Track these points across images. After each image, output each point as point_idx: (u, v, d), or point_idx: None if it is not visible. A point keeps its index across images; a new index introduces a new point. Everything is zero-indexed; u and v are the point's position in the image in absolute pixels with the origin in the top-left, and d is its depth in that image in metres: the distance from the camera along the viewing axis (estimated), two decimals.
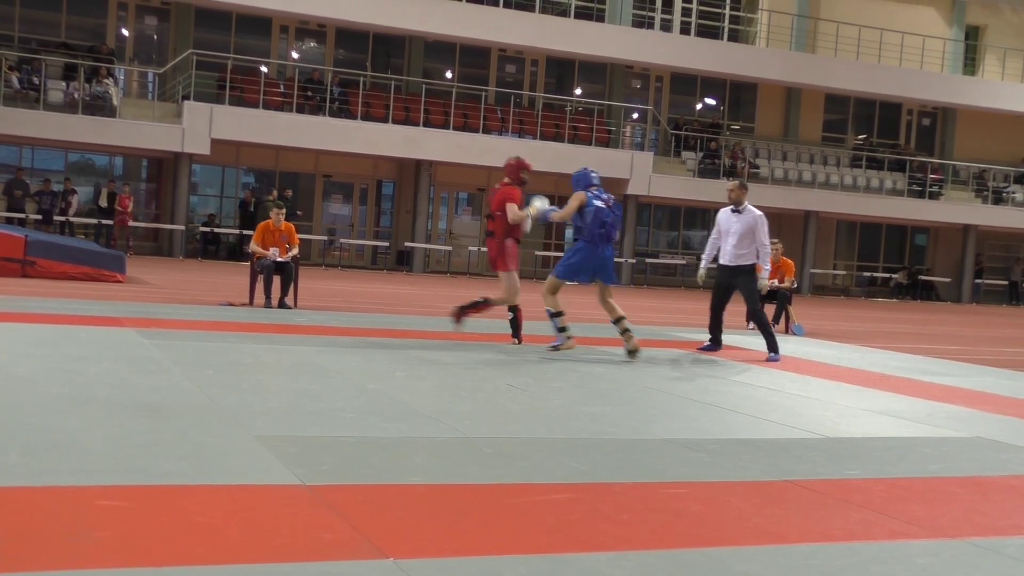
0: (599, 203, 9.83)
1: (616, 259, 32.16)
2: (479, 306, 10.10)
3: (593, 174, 10.14)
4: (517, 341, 10.26)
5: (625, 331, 9.91)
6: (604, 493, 4.48)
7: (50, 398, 5.63)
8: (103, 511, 3.64)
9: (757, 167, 32.59)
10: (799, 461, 5.47)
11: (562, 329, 9.89)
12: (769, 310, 15.33)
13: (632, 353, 9.78)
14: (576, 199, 9.90)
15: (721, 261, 10.75)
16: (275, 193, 26.27)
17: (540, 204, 10.12)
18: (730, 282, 10.65)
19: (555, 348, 9.86)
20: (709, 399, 7.51)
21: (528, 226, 10.07)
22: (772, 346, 10.60)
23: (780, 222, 33.66)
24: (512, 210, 9.97)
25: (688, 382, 8.45)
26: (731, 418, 6.75)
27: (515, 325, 10.29)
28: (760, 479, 4.96)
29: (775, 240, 15.89)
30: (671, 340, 12.22)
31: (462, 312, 10.15)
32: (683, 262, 32.89)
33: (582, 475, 4.77)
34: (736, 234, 10.55)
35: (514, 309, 10.25)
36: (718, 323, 10.91)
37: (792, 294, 15.45)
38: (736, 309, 12.25)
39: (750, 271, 10.60)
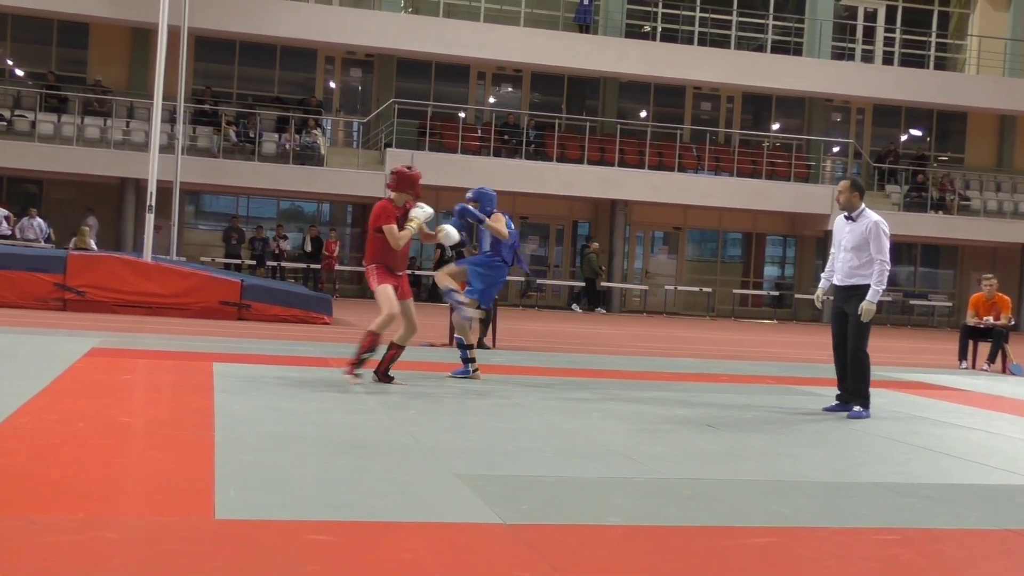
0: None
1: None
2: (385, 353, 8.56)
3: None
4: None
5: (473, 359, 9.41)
6: (808, 538, 4.34)
7: (263, 435, 5.89)
8: (313, 545, 3.77)
9: (968, 199, 31.16)
10: (1022, 509, 5.16)
11: (471, 360, 9.40)
12: (984, 348, 14.61)
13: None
14: (501, 220, 9.78)
15: (834, 280, 8.74)
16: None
17: (422, 213, 8.68)
18: (843, 307, 8.63)
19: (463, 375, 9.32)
20: (919, 441, 7.18)
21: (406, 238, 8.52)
22: (862, 396, 8.49)
23: (995, 256, 32.04)
24: (391, 232, 8.41)
25: (895, 423, 8.11)
26: (944, 462, 6.44)
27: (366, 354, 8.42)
28: (979, 527, 4.70)
29: (989, 276, 15.17)
30: (877, 380, 11.74)
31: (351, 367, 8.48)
32: (888, 299, 31.67)
33: (784, 519, 4.64)
34: (849, 247, 8.51)
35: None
36: (847, 370, 8.67)
37: (1009, 332, 14.65)
38: (940, 347, 11.70)
39: (865, 294, 8.47)
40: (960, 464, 6.38)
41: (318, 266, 26.45)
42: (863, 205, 8.56)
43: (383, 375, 8.58)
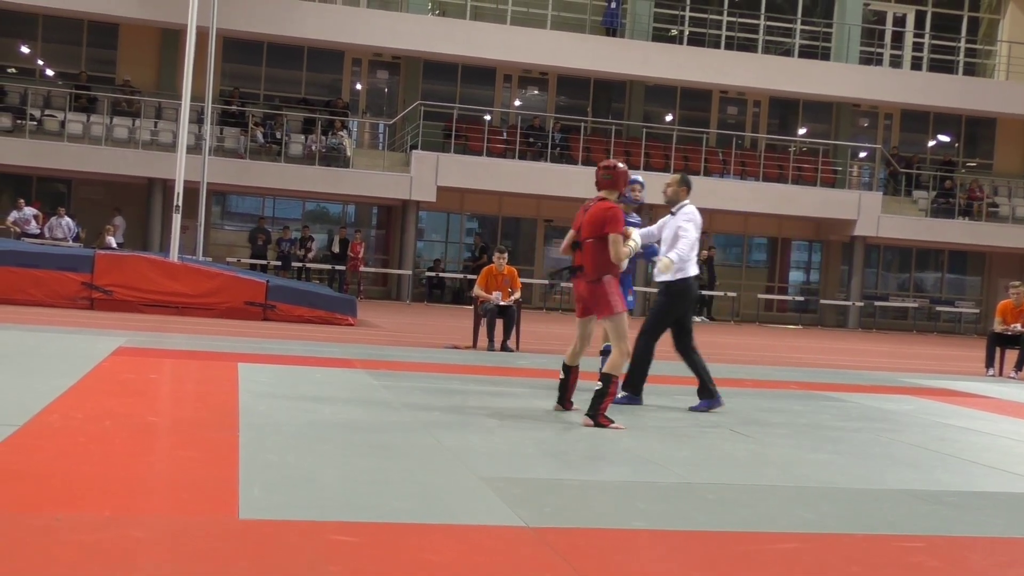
0: None
1: (844, 302, 31.04)
2: (606, 399, 7.15)
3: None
4: (563, 407, 7.68)
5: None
6: (833, 544, 4.32)
7: (288, 436, 5.91)
8: (336, 546, 3.78)
9: (996, 205, 30.92)
10: None
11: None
12: (1012, 356, 14.49)
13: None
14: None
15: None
16: None
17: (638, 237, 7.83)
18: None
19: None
20: (946, 448, 7.13)
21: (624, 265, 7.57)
22: (704, 390, 8.31)
23: (1023, 263, 31.78)
24: (617, 246, 7.21)
25: (922, 430, 8.05)
26: (971, 469, 6.39)
27: (567, 388, 7.72)
28: (1005, 535, 4.67)
29: (1017, 283, 15.03)
30: (903, 387, 11.70)
31: (601, 418, 7.07)
32: (915, 305, 31.49)
33: (809, 525, 4.62)
34: (666, 241, 8.32)
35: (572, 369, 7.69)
36: (643, 366, 8.40)
37: None
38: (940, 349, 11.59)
39: (682, 291, 8.30)
40: (986, 472, 6.34)
41: (343, 267, 26.52)
42: (687, 201, 8.41)
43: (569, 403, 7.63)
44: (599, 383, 7.15)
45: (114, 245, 22.84)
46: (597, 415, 7.05)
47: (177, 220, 16.24)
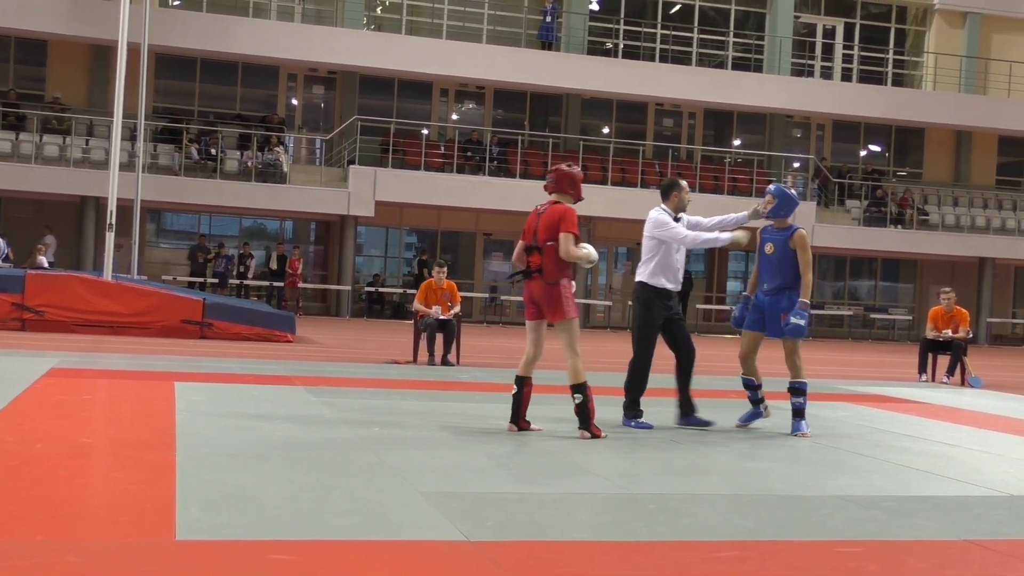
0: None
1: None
2: (589, 407, 7.28)
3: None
4: (517, 427, 7.38)
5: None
6: (773, 552, 4.36)
7: (226, 454, 5.84)
8: (275, 565, 3.74)
9: (927, 214, 31.54)
10: (981, 520, 5.21)
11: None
12: (943, 361, 14.75)
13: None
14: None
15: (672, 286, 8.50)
16: None
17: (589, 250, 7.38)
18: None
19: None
20: (881, 454, 7.24)
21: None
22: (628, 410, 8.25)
23: (953, 270, 32.40)
24: (568, 243, 7.12)
25: (858, 437, 8.17)
26: (905, 474, 6.49)
27: (520, 403, 7.42)
28: (939, 539, 4.75)
29: (947, 289, 15.33)
30: (839, 393, 11.86)
31: (594, 428, 7.25)
32: (850, 313, 31.97)
33: (749, 533, 4.66)
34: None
35: (522, 382, 7.46)
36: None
37: (968, 344, 14.81)
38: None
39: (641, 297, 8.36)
40: (920, 476, 6.44)
41: (281, 284, 26.29)
42: (662, 207, 8.40)
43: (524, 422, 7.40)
44: (577, 396, 7.21)
45: (45, 264, 22.42)
46: (590, 427, 7.20)
47: (110, 238, 16.00)
